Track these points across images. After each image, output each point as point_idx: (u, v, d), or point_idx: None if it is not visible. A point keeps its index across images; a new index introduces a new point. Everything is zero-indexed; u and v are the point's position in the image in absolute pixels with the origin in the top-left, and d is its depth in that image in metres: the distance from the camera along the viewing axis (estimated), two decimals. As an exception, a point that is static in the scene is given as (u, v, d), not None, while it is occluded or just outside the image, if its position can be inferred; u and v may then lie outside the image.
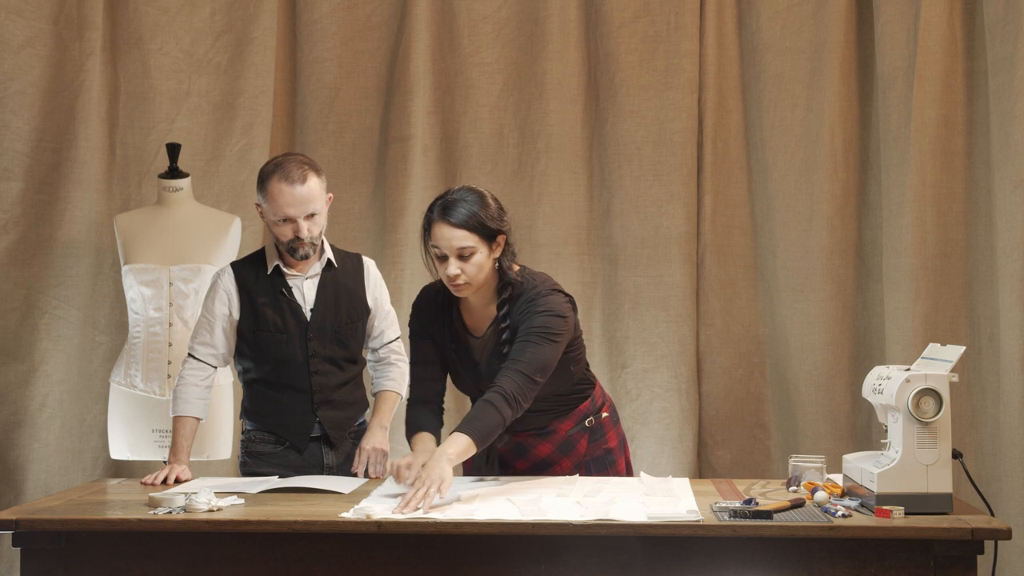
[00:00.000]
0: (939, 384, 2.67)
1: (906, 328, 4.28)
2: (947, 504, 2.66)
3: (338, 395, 3.40)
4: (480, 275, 2.99)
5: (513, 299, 3.05)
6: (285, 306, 3.35)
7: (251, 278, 3.37)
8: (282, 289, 3.35)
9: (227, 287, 3.36)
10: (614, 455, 3.29)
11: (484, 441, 2.88)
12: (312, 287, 3.37)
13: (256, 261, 3.41)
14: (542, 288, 3.06)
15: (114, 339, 4.38)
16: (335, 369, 3.39)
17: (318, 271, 3.38)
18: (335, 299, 3.38)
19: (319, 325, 3.35)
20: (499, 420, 2.88)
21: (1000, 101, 4.23)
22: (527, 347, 2.96)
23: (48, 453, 4.34)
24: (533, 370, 2.93)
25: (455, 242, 2.95)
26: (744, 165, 4.55)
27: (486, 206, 2.99)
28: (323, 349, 3.36)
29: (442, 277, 3.03)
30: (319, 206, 3.28)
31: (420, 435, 3.07)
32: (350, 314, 3.40)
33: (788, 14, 4.48)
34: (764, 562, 2.56)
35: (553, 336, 2.98)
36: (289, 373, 3.36)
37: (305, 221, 3.25)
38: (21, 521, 2.65)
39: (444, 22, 4.56)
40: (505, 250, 3.04)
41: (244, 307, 3.35)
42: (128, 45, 4.46)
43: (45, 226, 4.36)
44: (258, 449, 3.42)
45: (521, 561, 2.60)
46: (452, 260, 2.96)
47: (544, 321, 2.98)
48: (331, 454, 3.41)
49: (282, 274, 3.35)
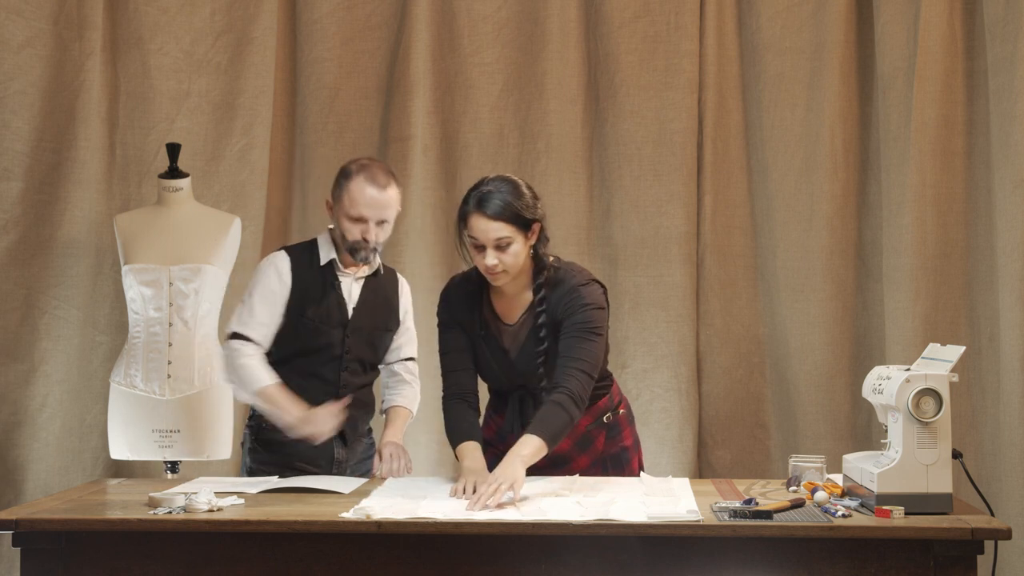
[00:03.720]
0: (939, 384, 2.67)
1: (906, 328, 4.28)
2: (947, 504, 2.66)
3: (360, 394, 3.43)
4: (517, 263, 3.05)
5: (549, 286, 3.10)
6: (333, 300, 3.37)
7: (305, 265, 3.39)
8: (332, 283, 3.38)
9: (282, 268, 3.37)
10: (629, 453, 3.32)
11: (554, 442, 2.95)
12: (358, 288, 3.41)
13: (310, 251, 3.42)
14: (580, 278, 3.12)
15: (114, 339, 4.38)
16: (362, 369, 3.43)
17: (364, 275, 3.43)
18: (374, 304, 3.43)
19: (358, 325, 3.39)
20: (568, 420, 2.97)
21: (1000, 101, 4.23)
22: (579, 343, 3.03)
23: (48, 453, 4.34)
24: (591, 367, 3.03)
25: (491, 233, 3.00)
26: (744, 165, 4.55)
27: (520, 195, 3.04)
28: (357, 348, 3.40)
29: (479, 266, 3.07)
30: (392, 215, 3.33)
31: (466, 446, 3.07)
32: (385, 322, 3.46)
33: (788, 14, 4.48)
34: (764, 562, 2.56)
35: (600, 330, 3.08)
36: (320, 363, 3.37)
37: (376, 226, 3.29)
38: (21, 521, 2.65)
39: (444, 22, 4.56)
40: (540, 237, 3.09)
41: (295, 290, 3.36)
42: (128, 45, 4.46)
43: (45, 226, 4.36)
44: (269, 437, 3.39)
45: (521, 561, 2.60)
46: (489, 251, 3.02)
47: (590, 316, 3.06)
48: (342, 450, 3.41)
49: (335, 268, 3.39)
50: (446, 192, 4.55)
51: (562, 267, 3.15)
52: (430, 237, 4.51)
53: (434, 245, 4.52)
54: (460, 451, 3.07)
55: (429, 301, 4.46)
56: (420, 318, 4.40)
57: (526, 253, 3.07)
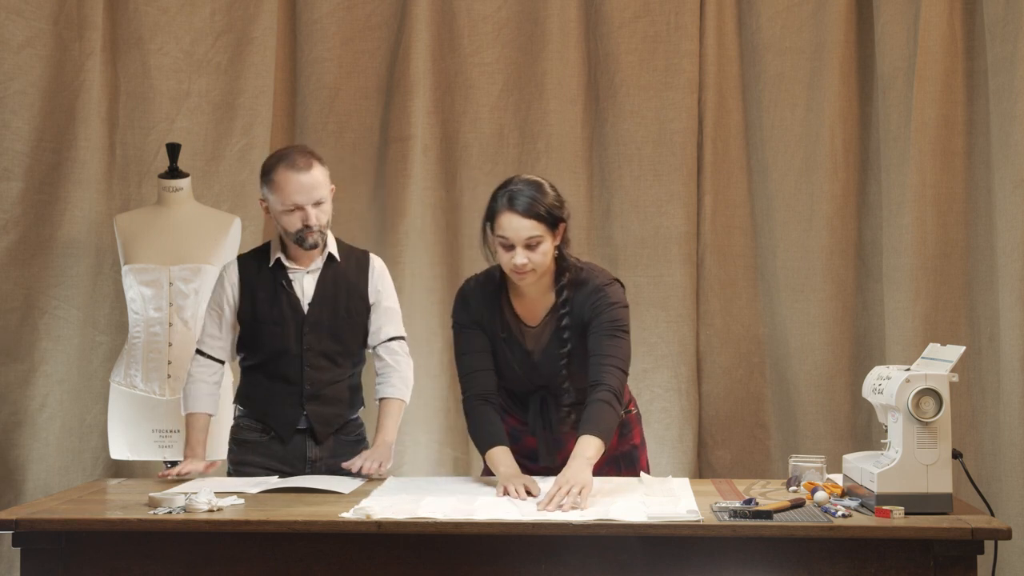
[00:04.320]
0: (939, 384, 2.67)
1: (906, 328, 4.28)
2: (947, 504, 2.66)
3: (329, 391, 3.41)
4: (545, 263, 3.06)
5: (572, 287, 3.11)
6: (284, 299, 3.37)
7: (254, 270, 3.41)
8: (282, 281, 3.38)
9: (231, 279, 3.42)
10: (638, 451, 3.34)
11: (609, 438, 2.99)
12: (312, 281, 3.40)
13: (260, 254, 3.46)
14: (603, 278, 3.16)
15: (114, 339, 4.38)
16: (329, 364, 3.40)
17: (319, 265, 3.41)
18: (334, 293, 3.40)
19: (316, 319, 3.38)
20: (615, 416, 3.02)
21: (1000, 101, 4.23)
22: (610, 341, 3.07)
23: (48, 453, 4.34)
24: (624, 364, 3.08)
25: (523, 232, 3.01)
26: (744, 165, 4.55)
27: (547, 195, 3.06)
28: (318, 343, 3.38)
29: (505, 265, 3.07)
30: (325, 193, 3.32)
31: (497, 451, 3.07)
32: (348, 309, 3.41)
33: (788, 14, 4.48)
34: (764, 562, 2.56)
35: (628, 328, 3.13)
36: (283, 365, 3.39)
37: (313, 208, 3.29)
38: (21, 521, 2.65)
39: (444, 22, 4.56)
40: (563, 238, 3.11)
41: (244, 297, 3.40)
42: (128, 45, 4.46)
43: (45, 226, 4.36)
44: (244, 437, 3.46)
45: (521, 561, 2.60)
46: (519, 249, 3.02)
47: (617, 314, 3.10)
48: (315, 448, 3.42)
49: (283, 267, 3.39)
50: (446, 192, 4.55)
51: (584, 268, 3.17)
52: (430, 237, 4.51)
53: (434, 245, 4.51)
54: (491, 457, 3.06)
55: (429, 301, 4.48)
56: (420, 318, 4.43)
57: (552, 253, 3.08)
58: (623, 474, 3.26)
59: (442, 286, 4.49)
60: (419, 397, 4.21)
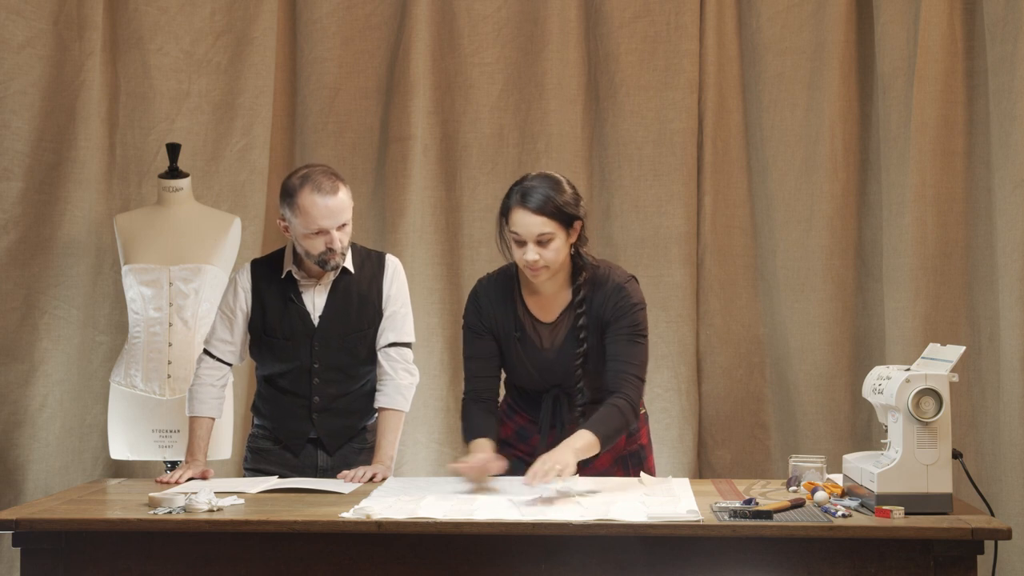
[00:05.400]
0: (939, 384, 2.67)
1: (906, 328, 4.28)
2: (947, 504, 2.66)
3: (340, 403, 3.39)
4: (558, 260, 3.06)
5: (590, 285, 3.11)
6: (294, 313, 3.34)
7: (265, 280, 3.37)
8: (291, 295, 3.34)
9: (244, 284, 3.39)
10: (645, 451, 3.34)
11: (608, 442, 2.99)
12: (323, 293, 3.35)
13: (274, 263, 3.42)
14: (621, 276, 3.16)
15: (114, 339, 4.38)
16: (341, 377, 3.38)
17: (331, 278, 3.36)
18: (345, 306, 3.36)
19: (326, 333, 3.34)
20: (624, 425, 3.02)
21: (1000, 101, 4.23)
22: (632, 348, 3.08)
23: (48, 453, 4.34)
24: (644, 371, 3.09)
25: (534, 228, 3.01)
26: (744, 165, 4.55)
27: (563, 192, 3.06)
28: (329, 357, 3.35)
29: (519, 261, 3.08)
30: (349, 215, 3.27)
31: (478, 441, 3.11)
32: (360, 321, 3.37)
33: (788, 14, 4.48)
34: (764, 562, 2.56)
35: (647, 332, 3.13)
36: (293, 378, 3.37)
37: (338, 232, 3.24)
38: (21, 521, 2.65)
39: (444, 22, 4.56)
40: (580, 236, 3.10)
41: (255, 307, 3.37)
42: (128, 45, 4.46)
43: (45, 226, 4.36)
44: (259, 445, 3.46)
45: (521, 561, 2.60)
46: (531, 246, 3.03)
47: (638, 318, 3.11)
48: (326, 458, 3.41)
49: (294, 280, 3.35)
50: (446, 192, 4.55)
51: (600, 265, 3.17)
52: (430, 237, 4.51)
53: (434, 245, 4.51)
54: (472, 446, 3.10)
55: (429, 301, 4.48)
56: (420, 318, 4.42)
57: (567, 251, 3.08)
58: (631, 474, 3.25)
59: (442, 286, 4.49)
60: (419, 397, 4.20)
